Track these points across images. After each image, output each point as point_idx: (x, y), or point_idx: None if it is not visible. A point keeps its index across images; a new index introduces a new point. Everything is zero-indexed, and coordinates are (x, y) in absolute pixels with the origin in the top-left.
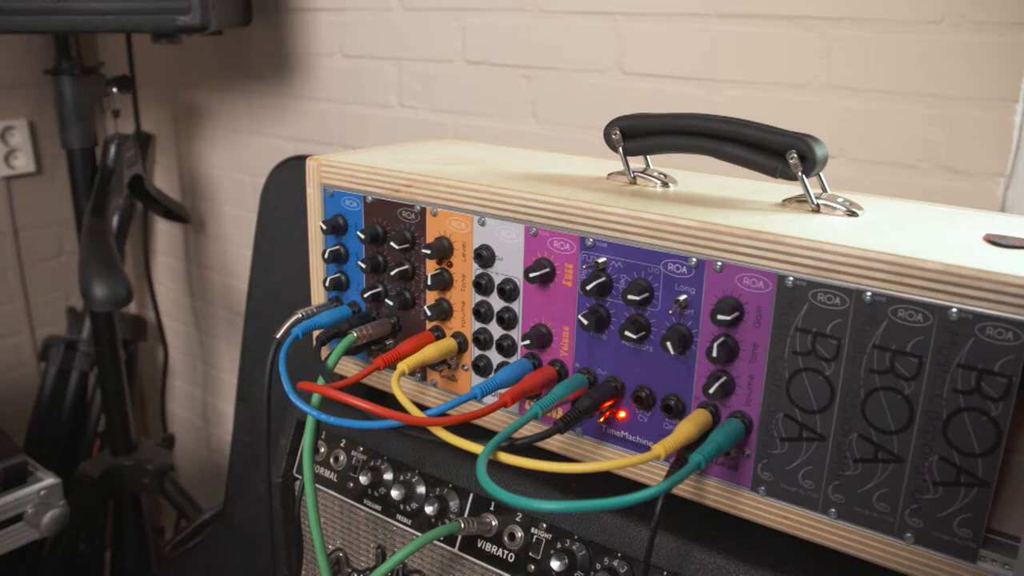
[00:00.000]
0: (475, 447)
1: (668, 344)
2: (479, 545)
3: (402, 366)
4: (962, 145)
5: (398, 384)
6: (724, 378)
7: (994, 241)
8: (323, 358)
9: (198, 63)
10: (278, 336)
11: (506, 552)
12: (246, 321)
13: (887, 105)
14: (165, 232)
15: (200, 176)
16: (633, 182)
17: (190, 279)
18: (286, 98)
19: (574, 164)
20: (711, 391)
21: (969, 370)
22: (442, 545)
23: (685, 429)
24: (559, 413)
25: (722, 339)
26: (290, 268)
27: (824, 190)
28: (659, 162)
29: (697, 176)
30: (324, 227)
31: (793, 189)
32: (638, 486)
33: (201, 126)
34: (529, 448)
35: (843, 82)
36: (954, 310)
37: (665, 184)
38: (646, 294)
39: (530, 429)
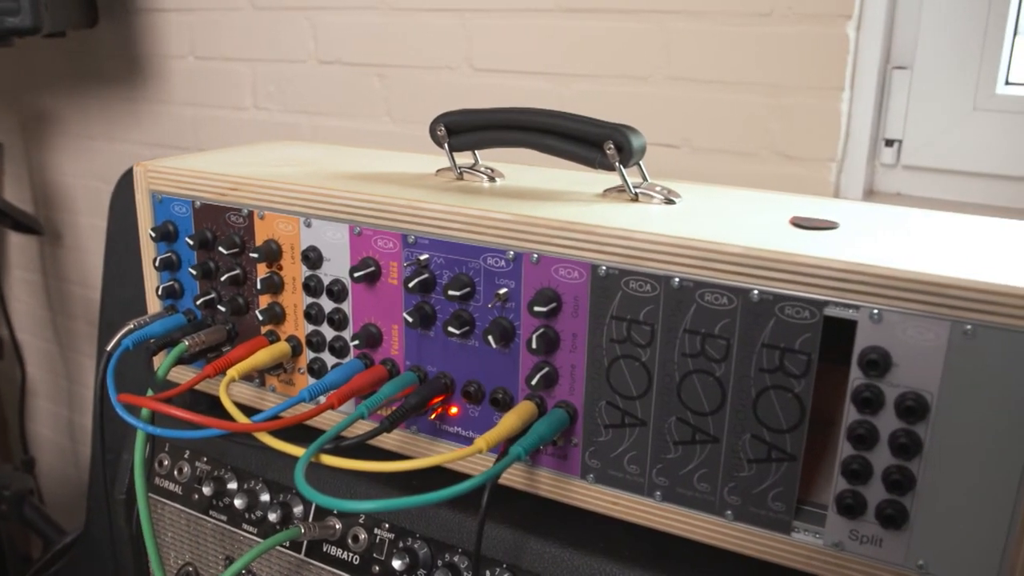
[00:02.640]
0: (299, 451)
1: (490, 338)
2: (325, 549)
3: (231, 372)
4: (797, 133)
5: (226, 391)
6: (546, 369)
7: (799, 224)
8: (155, 368)
9: (45, 67)
10: (108, 348)
11: (351, 555)
12: (100, 333)
13: (726, 95)
14: (19, 245)
15: (54, 186)
16: (460, 178)
17: (48, 293)
18: (140, 102)
19: (408, 162)
20: (534, 382)
21: (772, 349)
22: (289, 552)
23: (509, 422)
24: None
25: (541, 330)
26: None
27: (645, 179)
28: (497, 157)
29: (526, 170)
30: (153, 234)
31: (617, 179)
32: None
33: (52, 133)
34: (362, 448)
35: (684, 73)
36: (755, 292)
37: (492, 179)
38: (467, 289)
39: (364, 429)
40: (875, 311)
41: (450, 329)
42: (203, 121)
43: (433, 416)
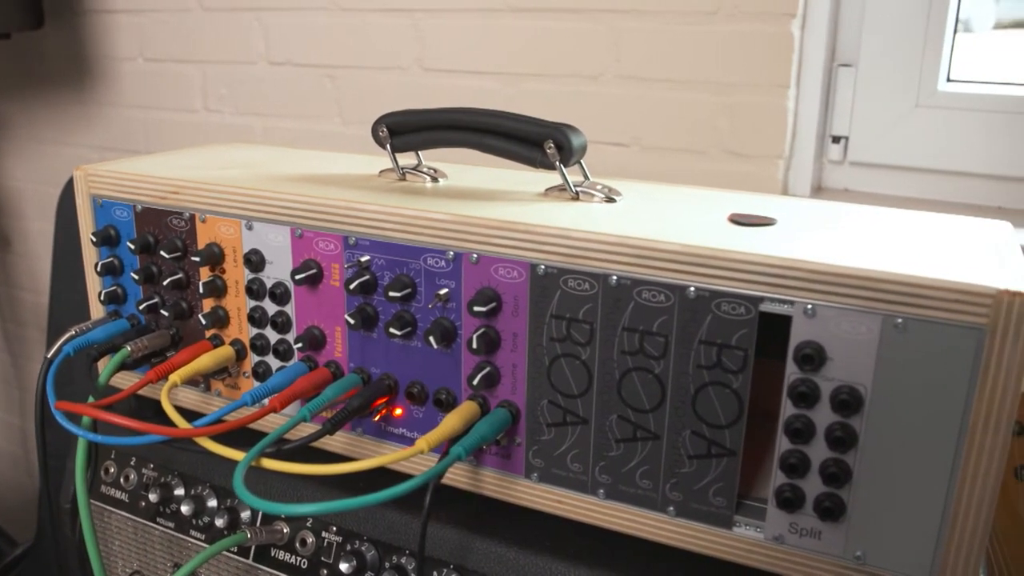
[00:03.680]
0: (240, 455)
1: (431, 338)
2: (273, 554)
3: (174, 377)
4: (744, 130)
5: (167, 396)
6: (488, 369)
7: (737, 220)
8: (97, 375)
9: None
10: (48, 355)
11: (299, 559)
12: (49, 339)
13: (675, 94)
14: None
15: (2, 191)
16: (403, 179)
17: None
18: (89, 105)
19: (353, 163)
20: (475, 382)
21: (710, 346)
22: (236, 557)
23: (451, 422)
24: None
25: (482, 330)
26: None
27: (586, 178)
28: (444, 157)
29: (470, 170)
30: (94, 239)
31: (559, 178)
32: None
33: None
34: (310, 451)
35: (633, 72)
36: (692, 289)
37: (435, 179)
38: (408, 290)
39: (308, 432)
40: (809, 306)
41: (392, 330)
42: (153, 124)
43: (378, 418)
